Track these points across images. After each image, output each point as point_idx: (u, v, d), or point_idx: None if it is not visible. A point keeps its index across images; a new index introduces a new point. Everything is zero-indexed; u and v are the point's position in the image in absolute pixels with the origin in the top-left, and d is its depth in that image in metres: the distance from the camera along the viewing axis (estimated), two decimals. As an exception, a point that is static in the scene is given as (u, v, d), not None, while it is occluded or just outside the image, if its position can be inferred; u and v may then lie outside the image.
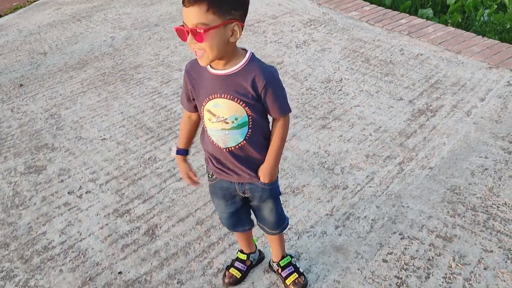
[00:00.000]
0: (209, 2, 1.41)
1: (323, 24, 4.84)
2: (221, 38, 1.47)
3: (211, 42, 1.46)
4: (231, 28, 1.48)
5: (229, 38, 1.49)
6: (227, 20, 1.45)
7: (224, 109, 1.61)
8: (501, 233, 2.30)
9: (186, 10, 1.44)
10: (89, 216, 2.70)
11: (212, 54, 1.49)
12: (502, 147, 2.86)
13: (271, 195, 1.87)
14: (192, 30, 1.44)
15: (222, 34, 1.47)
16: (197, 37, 1.44)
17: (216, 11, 1.42)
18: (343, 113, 3.37)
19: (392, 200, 2.58)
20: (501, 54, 3.84)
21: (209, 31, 1.43)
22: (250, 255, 2.23)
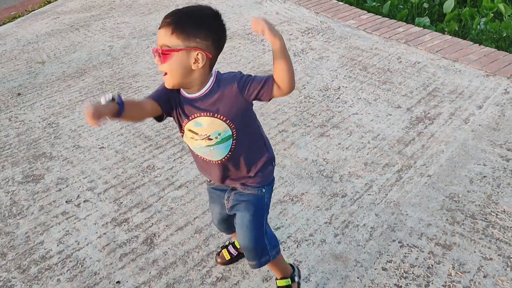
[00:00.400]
0: (174, 25, 1.46)
1: (321, 32, 4.86)
2: (182, 63, 1.50)
3: (172, 65, 1.49)
4: (194, 56, 1.49)
5: (191, 65, 1.50)
6: (191, 47, 1.48)
7: (206, 127, 1.62)
8: (500, 240, 2.30)
9: (158, 32, 1.52)
10: (87, 225, 2.69)
11: (173, 78, 1.53)
12: (500, 154, 2.86)
13: (252, 207, 1.78)
14: (156, 50, 1.49)
15: (183, 59, 1.49)
16: (159, 58, 1.49)
17: (180, 36, 1.47)
18: (341, 121, 3.38)
19: (391, 208, 2.57)
20: (498, 62, 3.86)
21: (169, 53, 1.47)
22: None
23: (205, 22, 1.51)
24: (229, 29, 5.15)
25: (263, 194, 1.80)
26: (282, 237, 2.46)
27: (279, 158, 3.06)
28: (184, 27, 1.47)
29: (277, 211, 2.64)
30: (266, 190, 1.82)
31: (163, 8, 6.25)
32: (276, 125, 3.42)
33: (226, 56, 4.59)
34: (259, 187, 1.79)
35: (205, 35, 1.50)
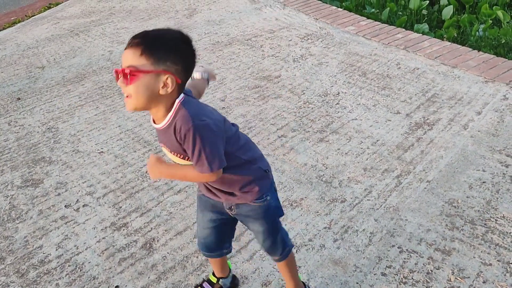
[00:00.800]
0: (144, 46, 1.40)
1: (320, 38, 4.87)
2: (149, 86, 1.42)
3: (138, 87, 1.41)
4: (163, 80, 1.42)
5: (159, 89, 1.43)
6: (160, 70, 1.41)
7: (172, 157, 1.58)
8: (499, 246, 2.30)
9: (124, 51, 1.43)
10: (86, 229, 2.68)
11: (137, 101, 1.44)
12: (500, 160, 2.87)
13: (262, 215, 1.76)
14: (122, 70, 1.41)
15: (151, 82, 1.42)
16: (125, 79, 1.41)
17: (149, 57, 1.40)
18: (340, 127, 3.38)
19: (391, 213, 2.57)
20: (497, 68, 3.87)
21: (137, 74, 1.40)
22: (220, 279, 2.16)
23: (176, 46, 1.45)
24: (228, 35, 5.17)
25: (268, 202, 1.75)
26: (281, 242, 2.45)
27: (278, 163, 3.06)
28: (154, 48, 1.40)
29: (276, 216, 2.64)
30: (270, 195, 1.76)
31: (163, 13, 6.27)
32: (275, 130, 3.42)
33: (226, 61, 4.60)
34: (261, 198, 1.73)
35: (175, 59, 1.44)
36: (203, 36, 5.32)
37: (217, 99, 3.93)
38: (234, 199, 1.72)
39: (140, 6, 6.76)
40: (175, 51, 1.44)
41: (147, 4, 6.77)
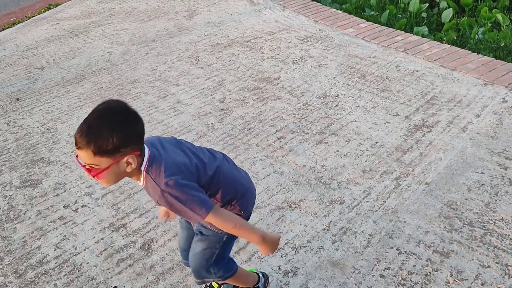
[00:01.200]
0: (94, 148, 1.40)
1: (320, 40, 4.88)
2: (116, 173, 1.48)
3: (107, 177, 1.48)
4: (125, 162, 1.46)
5: (125, 170, 1.49)
6: (118, 157, 1.44)
7: None
8: (498, 248, 2.30)
9: (77, 150, 1.44)
10: (85, 230, 2.68)
11: (110, 183, 1.52)
12: (498, 162, 2.87)
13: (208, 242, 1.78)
14: (87, 169, 1.46)
15: (116, 169, 1.47)
16: (92, 175, 1.46)
17: (104, 155, 1.42)
18: (339, 128, 3.38)
19: (389, 215, 2.57)
20: (496, 71, 3.87)
21: (102, 171, 1.45)
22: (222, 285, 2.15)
23: (121, 129, 1.43)
24: (228, 37, 5.18)
25: (223, 235, 1.77)
26: (280, 243, 2.45)
27: (277, 165, 3.06)
28: (104, 146, 1.41)
29: (275, 217, 2.64)
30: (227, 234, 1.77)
31: (163, 15, 6.28)
32: (274, 132, 3.42)
33: (225, 63, 4.60)
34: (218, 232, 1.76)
35: (127, 142, 1.45)
36: (202, 37, 5.32)
37: (216, 101, 3.93)
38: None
39: (140, 7, 6.76)
40: (123, 134, 1.43)
41: (147, 6, 6.78)
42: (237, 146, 3.31)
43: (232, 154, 3.22)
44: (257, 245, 1.68)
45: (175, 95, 4.11)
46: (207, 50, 4.97)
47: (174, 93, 4.14)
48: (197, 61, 4.73)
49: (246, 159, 3.16)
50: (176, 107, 3.89)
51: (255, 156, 3.17)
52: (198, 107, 3.86)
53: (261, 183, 2.92)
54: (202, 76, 4.41)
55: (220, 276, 1.88)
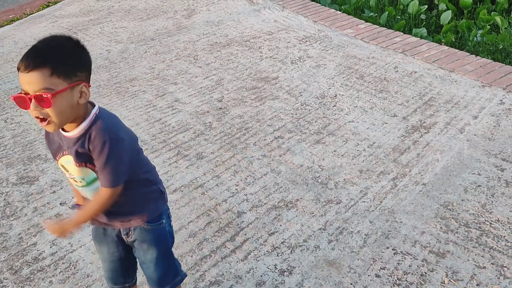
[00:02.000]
0: (52, 65, 1.34)
1: (318, 41, 4.88)
2: (69, 101, 1.40)
3: (59, 107, 1.38)
4: (79, 90, 1.42)
5: (77, 100, 1.43)
6: (74, 82, 1.40)
7: (72, 168, 1.54)
8: (494, 249, 2.30)
9: (26, 76, 1.35)
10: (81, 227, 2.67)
11: (59, 120, 1.41)
12: (495, 164, 2.87)
13: (156, 240, 1.72)
14: (37, 96, 1.35)
15: (69, 97, 1.40)
16: (43, 103, 1.36)
17: (61, 74, 1.36)
18: (337, 129, 3.38)
19: (386, 215, 2.57)
20: (494, 73, 3.88)
21: (56, 95, 1.36)
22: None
23: (80, 52, 1.44)
24: (227, 36, 5.18)
25: (164, 225, 1.74)
26: (276, 242, 2.45)
27: (274, 164, 3.06)
28: (62, 64, 1.37)
29: (271, 216, 2.64)
30: (165, 219, 1.75)
31: (162, 13, 6.27)
32: (272, 131, 3.42)
33: (224, 62, 4.60)
34: (157, 221, 1.72)
35: (83, 67, 1.44)
36: (201, 36, 5.32)
37: (214, 100, 3.93)
38: (130, 223, 1.67)
39: (139, 5, 6.76)
40: (80, 58, 1.44)
41: (146, 4, 6.77)
42: (235, 145, 3.31)
43: (230, 153, 3.22)
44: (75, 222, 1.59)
45: (173, 93, 4.11)
46: (205, 49, 4.97)
47: (172, 92, 4.14)
48: (196, 60, 4.73)
49: (244, 158, 3.16)
50: (174, 105, 3.89)
51: (252, 155, 3.17)
52: (196, 106, 3.86)
53: (258, 182, 2.92)
54: (201, 75, 4.41)
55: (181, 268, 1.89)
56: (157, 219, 1.71)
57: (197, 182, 2.97)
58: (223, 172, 3.04)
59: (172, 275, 1.83)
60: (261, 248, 2.44)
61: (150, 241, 1.71)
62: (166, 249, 1.78)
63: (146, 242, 1.71)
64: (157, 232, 1.72)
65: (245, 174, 3.00)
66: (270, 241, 2.48)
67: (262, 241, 2.48)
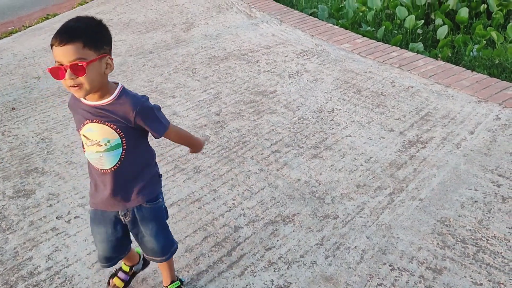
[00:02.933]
0: (84, 39, 1.59)
1: (316, 55, 4.91)
2: (98, 70, 1.65)
3: (90, 75, 1.61)
4: (105, 62, 1.67)
5: (104, 71, 1.68)
6: (101, 54, 1.65)
7: (96, 133, 1.75)
8: (490, 266, 2.30)
9: (61, 49, 1.58)
10: (77, 241, 2.66)
11: (89, 86, 1.64)
12: (492, 179, 2.88)
13: (154, 216, 1.96)
14: (73, 65, 1.58)
15: (98, 67, 1.65)
16: (78, 71, 1.58)
17: (92, 47, 1.61)
18: (334, 143, 3.39)
19: (383, 231, 2.57)
20: (490, 88, 3.91)
21: (89, 64, 1.60)
22: (133, 266, 2.32)
23: (104, 29, 1.71)
24: (225, 50, 5.21)
25: (160, 203, 1.99)
26: (273, 257, 2.45)
27: (271, 178, 3.06)
28: (92, 38, 1.62)
29: (268, 231, 2.63)
30: (161, 198, 2.00)
31: (160, 27, 6.31)
32: (269, 145, 3.43)
33: (222, 76, 4.62)
34: (155, 200, 1.96)
35: (107, 42, 1.70)
36: (200, 50, 5.35)
37: (212, 113, 3.94)
38: (130, 203, 1.90)
39: (138, 19, 6.80)
40: (106, 34, 1.70)
41: (145, 17, 6.81)
42: (232, 159, 3.31)
43: (227, 167, 3.22)
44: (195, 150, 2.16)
45: (171, 107, 4.12)
46: (204, 62, 5.00)
47: (170, 105, 4.15)
48: (194, 74, 4.75)
49: (241, 172, 3.16)
50: (172, 119, 3.89)
51: (249, 170, 3.18)
52: (193, 119, 3.87)
53: (255, 196, 2.92)
54: (199, 88, 4.42)
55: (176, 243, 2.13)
56: (155, 198, 1.96)
57: (194, 196, 2.97)
58: (220, 186, 3.04)
59: (170, 244, 2.08)
60: (257, 263, 2.43)
61: (150, 218, 1.95)
62: (163, 223, 2.03)
63: (146, 218, 1.94)
64: (154, 210, 1.96)
65: (242, 188, 3.00)
66: (267, 256, 2.47)
67: (259, 257, 2.47)
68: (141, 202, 1.91)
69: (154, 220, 1.96)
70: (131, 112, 1.73)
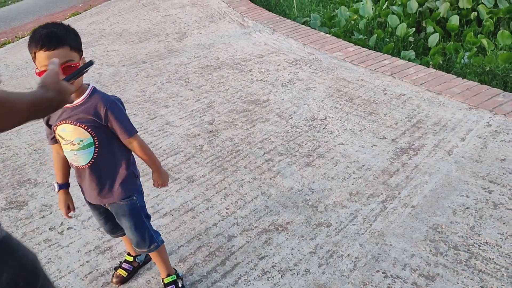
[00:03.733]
0: (70, 43, 1.75)
1: (308, 63, 4.94)
2: None
3: None
4: (83, 62, 1.81)
5: None
6: (81, 56, 1.82)
7: (70, 133, 1.89)
8: (482, 272, 2.31)
9: (51, 53, 1.69)
10: (70, 253, 2.66)
11: (77, 86, 1.80)
12: (483, 186, 2.90)
13: (128, 212, 2.08)
14: (66, 66, 1.71)
15: None
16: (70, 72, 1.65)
17: (76, 50, 1.78)
18: (327, 151, 3.41)
19: (375, 238, 2.58)
20: (481, 95, 3.94)
21: (75, 65, 1.75)
22: (136, 257, 2.46)
23: (78, 34, 1.84)
24: (217, 59, 5.23)
25: (135, 201, 2.09)
26: (266, 266, 2.45)
27: (264, 187, 3.07)
28: (75, 42, 1.78)
29: (262, 240, 2.64)
30: (136, 196, 2.10)
31: (153, 37, 6.33)
32: (262, 154, 3.44)
33: (215, 85, 4.64)
34: (129, 197, 2.07)
35: (81, 45, 1.85)
36: (192, 59, 5.37)
37: (205, 123, 3.95)
38: (106, 200, 2.05)
39: (130, 29, 6.82)
40: (80, 39, 1.84)
41: (138, 27, 6.83)
42: (225, 168, 3.32)
43: (220, 176, 3.23)
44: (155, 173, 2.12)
45: (164, 116, 4.12)
46: (196, 72, 5.01)
47: (163, 115, 4.16)
48: (187, 83, 4.76)
49: (234, 181, 3.16)
50: (165, 128, 3.90)
51: (243, 178, 3.18)
52: (187, 129, 3.88)
53: (248, 205, 2.92)
54: (192, 98, 4.44)
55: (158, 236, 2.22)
56: (129, 196, 2.07)
57: (187, 205, 2.97)
58: (213, 196, 3.04)
59: (148, 242, 2.16)
60: (251, 272, 2.43)
61: (123, 214, 2.09)
62: (138, 220, 2.12)
63: (120, 214, 2.09)
64: (128, 206, 2.07)
65: (235, 198, 3.01)
66: (261, 265, 2.47)
67: (252, 265, 2.47)
68: (115, 199, 2.05)
69: (128, 216, 2.09)
70: (102, 108, 1.87)
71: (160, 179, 2.15)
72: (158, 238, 2.22)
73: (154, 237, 2.19)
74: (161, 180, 2.16)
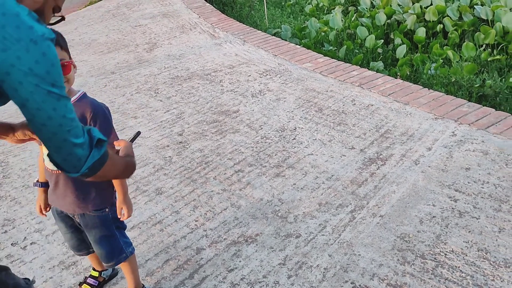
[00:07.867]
0: (60, 44, 1.77)
1: (279, 74, 4.96)
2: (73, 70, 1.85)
3: (71, 73, 1.83)
4: (72, 64, 1.84)
5: (74, 72, 1.87)
6: (69, 56, 1.84)
7: None
8: (449, 280, 2.34)
9: None
10: (33, 268, 2.58)
11: (69, 86, 1.83)
12: (449, 195, 2.95)
13: (100, 224, 2.04)
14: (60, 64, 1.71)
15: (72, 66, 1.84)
16: (64, 69, 1.73)
17: (65, 50, 1.80)
18: (296, 162, 3.42)
19: (344, 249, 2.59)
20: (446, 105, 4.02)
21: (70, 63, 1.80)
22: (102, 272, 2.41)
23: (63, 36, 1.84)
24: (188, 70, 5.21)
25: (107, 213, 2.05)
26: (235, 279, 2.43)
27: (234, 198, 3.05)
28: (64, 43, 1.80)
29: (231, 252, 2.61)
30: (109, 208, 2.05)
31: (123, 47, 6.27)
32: (232, 165, 3.42)
33: (185, 96, 4.61)
34: (101, 209, 2.03)
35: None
36: (162, 70, 5.33)
37: (174, 134, 3.91)
38: (77, 209, 1.99)
39: (100, 39, 6.74)
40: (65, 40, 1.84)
41: (107, 38, 6.76)
42: (195, 179, 3.29)
43: (189, 187, 3.20)
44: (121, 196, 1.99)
45: (133, 128, 4.07)
46: (166, 82, 4.98)
47: (132, 126, 4.10)
48: (157, 94, 4.72)
49: (203, 192, 3.14)
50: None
51: (212, 190, 3.16)
52: (156, 140, 3.84)
53: (217, 217, 2.90)
54: (161, 108, 4.40)
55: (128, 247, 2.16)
56: (101, 208, 2.03)
57: (155, 218, 2.93)
58: (182, 208, 3.01)
59: (118, 252, 2.11)
60: (220, 285, 2.40)
61: (93, 225, 2.04)
62: (109, 231, 2.07)
63: (89, 226, 2.04)
64: (99, 218, 2.03)
65: (204, 209, 2.98)
66: (230, 278, 2.45)
67: (221, 278, 2.45)
68: (89, 209, 2.00)
69: (98, 227, 2.04)
70: (89, 113, 1.86)
71: (126, 205, 2.01)
72: (128, 249, 2.16)
73: (124, 248, 2.14)
74: (126, 207, 2.02)
